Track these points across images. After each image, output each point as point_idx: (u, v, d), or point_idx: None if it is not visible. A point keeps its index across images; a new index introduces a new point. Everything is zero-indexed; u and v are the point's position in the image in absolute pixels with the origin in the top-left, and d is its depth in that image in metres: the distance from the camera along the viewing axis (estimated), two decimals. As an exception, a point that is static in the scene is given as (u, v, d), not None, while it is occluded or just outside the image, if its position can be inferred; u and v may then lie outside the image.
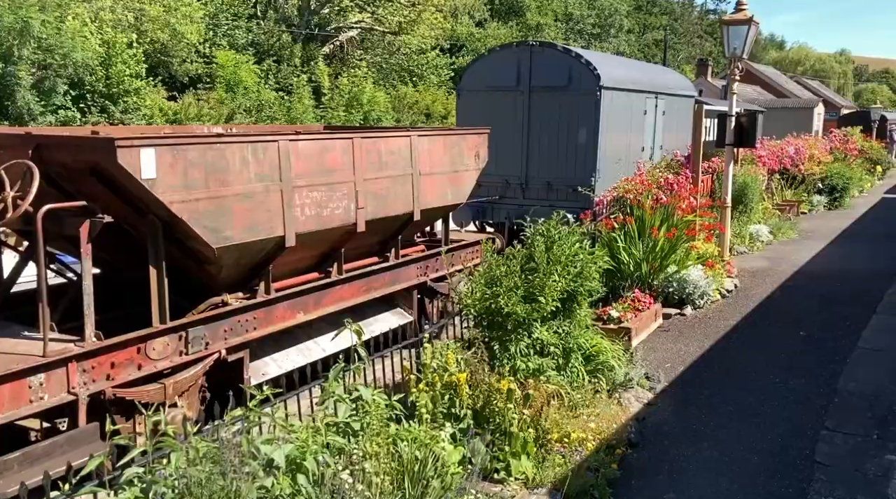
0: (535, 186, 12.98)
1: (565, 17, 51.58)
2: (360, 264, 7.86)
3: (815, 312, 8.60)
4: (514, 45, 13.00)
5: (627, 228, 9.14)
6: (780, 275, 10.12)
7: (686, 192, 9.76)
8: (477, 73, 13.35)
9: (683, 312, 8.87)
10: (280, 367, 6.68)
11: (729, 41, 9.86)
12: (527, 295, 6.40)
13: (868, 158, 25.88)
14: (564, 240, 6.76)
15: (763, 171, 15.14)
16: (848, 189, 17.62)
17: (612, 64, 13.45)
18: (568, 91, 12.49)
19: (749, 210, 12.43)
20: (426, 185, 8.16)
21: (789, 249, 11.95)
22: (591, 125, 12.38)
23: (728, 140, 10.06)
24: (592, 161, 12.44)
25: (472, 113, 13.42)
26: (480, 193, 13.52)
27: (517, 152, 13.04)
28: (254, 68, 21.57)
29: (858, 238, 13.30)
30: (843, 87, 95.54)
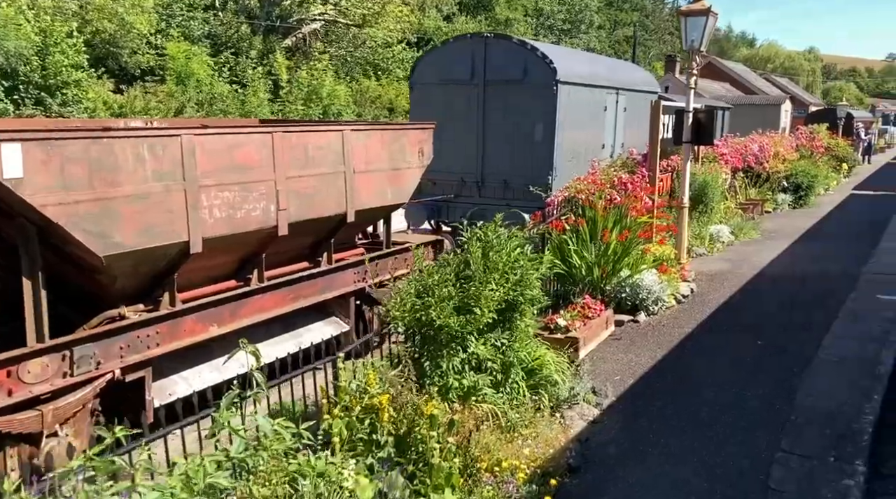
0: (492, 184, 12.45)
1: (536, 12, 51.16)
2: (287, 271, 7.26)
3: (774, 317, 8.16)
4: (469, 37, 12.44)
5: (579, 231, 8.64)
6: (739, 278, 9.67)
7: (641, 192, 9.27)
8: (430, 65, 12.77)
9: (637, 318, 8.38)
10: (191, 385, 6.06)
11: (687, 33, 9.38)
12: (461, 306, 5.86)
13: (834, 155, 25.73)
14: (503, 245, 6.23)
15: (726, 169, 14.75)
16: (813, 187, 17.32)
17: (570, 58, 12.95)
18: (524, 85, 11.97)
19: (709, 210, 12.00)
20: (362, 183, 7.58)
21: (751, 250, 11.53)
22: (547, 121, 11.87)
23: (685, 138, 9.60)
24: (549, 159, 11.94)
25: (425, 107, 12.85)
26: (435, 192, 12.99)
27: (473, 149, 12.51)
28: (207, 60, 20.77)
29: (822, 238, 12.95)
30: (812, 84, 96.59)
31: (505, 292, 6.04)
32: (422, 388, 5.54)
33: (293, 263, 7.48)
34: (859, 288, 8.90)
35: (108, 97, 17.06)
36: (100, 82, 17.64)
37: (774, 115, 27.93)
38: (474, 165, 12.53)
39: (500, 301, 5.98)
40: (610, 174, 9.46)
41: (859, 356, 7.00)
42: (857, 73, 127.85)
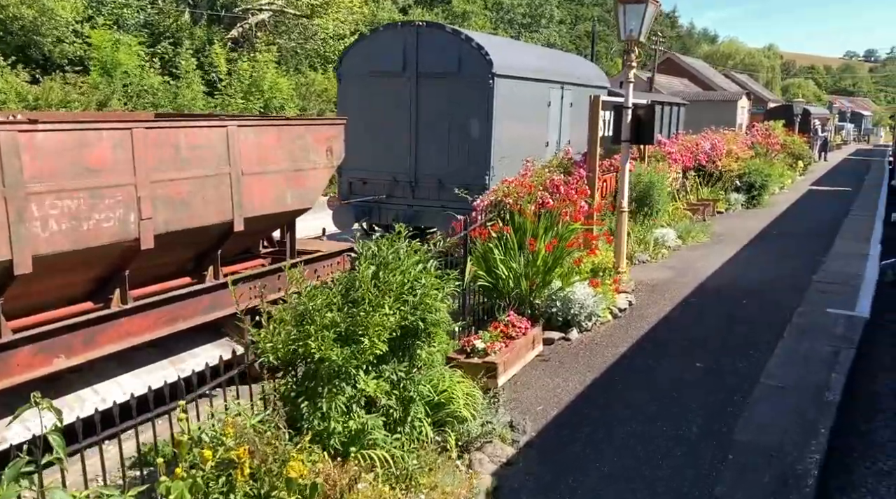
0: (426, 184, 11.61)
1: (496, 5, 50.34)
2: (163, 288, 6.32)
3: (716, 335, 7.44)
4: (399, 26, 11.56)
5: (507, 239, 7.83)
6: (682, 288, 8.96)
7: (576, 194, 8.49)
8: (359, 55, 11.87)
9: (568, 336, 7.60)
10: (28, 429, 5.11)
11: (625, 22, 8.61)
12: (348, 335, 4.99)
13: (790, 152, 25.39)
14: (402, 262, 5.38)
15: (677, 168, 14.10)
16: (767, 187, 16.77)
17: (509, 49, 12.14)
18: (458, 78, 11.14)
19: (655, 213, 11.29)
20: (253, 187, 6.66)
21: (697, 256, 10.84)
22: (483, 117, 11.06)
23: (624, 136, 8.84)
24: (486, 157, 11.14)
25: (354, 101, 11.96)
26: (366, 192, 12.11)
27: (405, 146, 11.66)
28: (137, 50, 19.55)
29: (773, 241, 12.33)
30: (772, 81, 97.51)
31: (401, 317, 5.19)
32: (299, 434, 4.68)
33: (174, 279, 6.55)
34: (808, 300, 8.23)
35: (21, 88, 15.84)
36: (13, 72, 16.38)
37: (731, 111, 27.52)
38: (407, 164, 11.68)
39: (394, 328, 5.13)
40: (543, 176, 8.67)
41: (805, 382, 6.29)
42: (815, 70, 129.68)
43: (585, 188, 9.46)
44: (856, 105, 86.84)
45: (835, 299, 8.24)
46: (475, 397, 5.82)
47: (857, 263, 10.18)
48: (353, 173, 12.07)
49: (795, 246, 11.82)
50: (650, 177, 11.16)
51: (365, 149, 11.90)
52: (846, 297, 8.32)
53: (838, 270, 9.70)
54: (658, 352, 7.13)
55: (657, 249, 10.70)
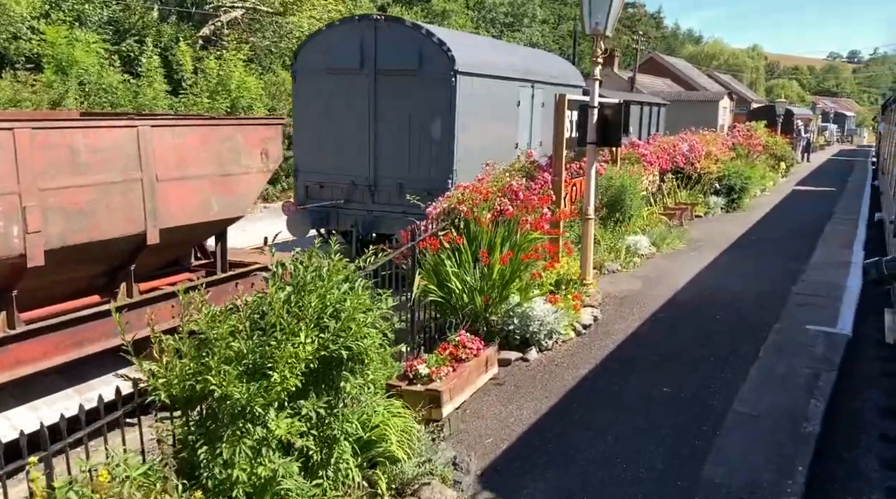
0: (386, 188, 10.93)
1: (477, 5, 49.74)
2: (65, 308, 5.63)
3: (686, 355, 6.82)
4: (357, 19, 10.90)
5: (460, 249, 7.19)
6: (653, 301, 8.34)
7: (538, 201, 7.86)
8: (315, 51, 11.18)
9: (526, 356, 6.96)
10: None
11: (591, 14, 7.99)
12: (256, 368, 4.33)
13: (773, 153, 24.92)
14: (322, 282, 4.72)
15: (653, 171, 13.52)
16: (747, 189, 16.23)
17: (474, 45, 11.50)
18: (419, 75, 10.48)
19: (627, 218, 10.69)
20: (171, 194, 5.98)
21: (672, 265, 10.24)
22: (446, 117, 10.41)
23: (590, 137, 8.21)
24: (448, 160, 10.48)
25: (310, 99, 11.28)
26: (323, 196, 11.43)
27: (364, 148, 10.98)
28: (96, 47, 18.74)
29: (752, 247, 11.76)
30: (756, 82, 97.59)
31: (320, 345, 4.53)
32: (198, 484, 4.03)
33: (84, 297, 5.87)
34: (786, 315, 7.64)
35: (-32, 86, 15.05)
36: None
37: (713, 112, 27.01)
38: (366, 167, 11.00)
39: (312, 358, 4.47)
40: (503, 181, 8.03)
41: (782, 409, 5.69)
42: (799, 71, 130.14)
43: (550, 194, 8.84)
44: (839, 106, 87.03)
45: (815, 314, 7.65)
46: (413, 431, 5.18)
47: (838, 271, 9.63)
48: (310, 177, 11.39)
49: (775, 253, 11.25)
50: (622, 180, 10.55)
51: (322, 150, 11.24)
52: (827, 311, 7.74)
53: (819, 279, 9.12)
54: (623, 374, 6.50)
55: (629, 257, 10.09)
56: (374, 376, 5.13)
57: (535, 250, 7.12)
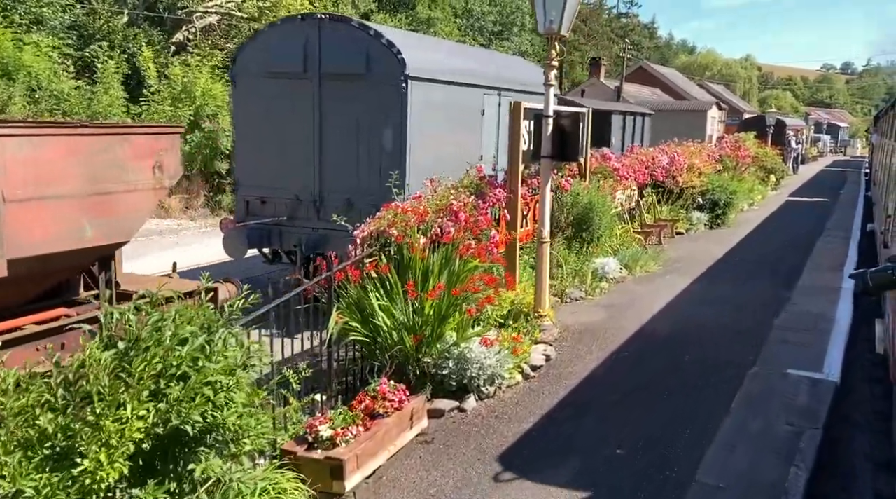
0: (333, 204, 9.92)
1: (466, 13, 48.94)
2: None
3: (647, 406, 5.84)
4: (300, 18, 9.92)
5: (389, 280, 6.21)
6: (616, 336, 7.36)
7: (483, 222, 6.89)
8: (255, 53, 10.20)
9: (463, 405, 5.97)
10: None
11: (545, 11, 7.04)
12: (65, 452, 3.39)
13: (762, 166, 24.03)
14: (167, 335, 3.76)
15: (629, 185, 12.56)
16: (732, 204, 15.28)
17: (429, 48, 10.56)
18: (367, 80, 9.51)
19: (596, 239, 9.72)
20: (23, 217, 4.98)
21: (643, 291, 9.25)
22: (397, 126, 9.44)
23: (545, 151, 7.25)
24: (400, 173, 9.49)
25: (250, 107, 10.30)
26: (265, 213, 10.43)
27: (308, 159, 10.00)
28: (48, 51, 17.76)
29: (733, 270, 10.79)
30: (749, 92, 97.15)
31: (159, 418, 3.56)
32: None
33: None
34: (766, 355, 6.66)
35: None
36: None
37: (701, 122, 26.12)
38: (311, 180, 10.01)
39: (144, 437, 3.50)
40: (447, 199, 7.06)
41: (755, 480, 4.70)
42: (793, 82, 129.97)
43: (503, 214, 7.89)
44: (833, 116, 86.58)
45: (798, 353, 6.68)
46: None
47: (827, 299, 8.67)
48: (251, 191, 10.40)
49: (759, 276, 10.29)
50: (589, 197, 9.58)
51: (264, 162, 10.26)
52: (812, 349, 6.77)
53: (805, 309, 8.16)
54: (572, 428, 5.51)
55: (595, 282, 9.11)
56: (253, 446, 4.16)
57: (471, 281, 6.12)
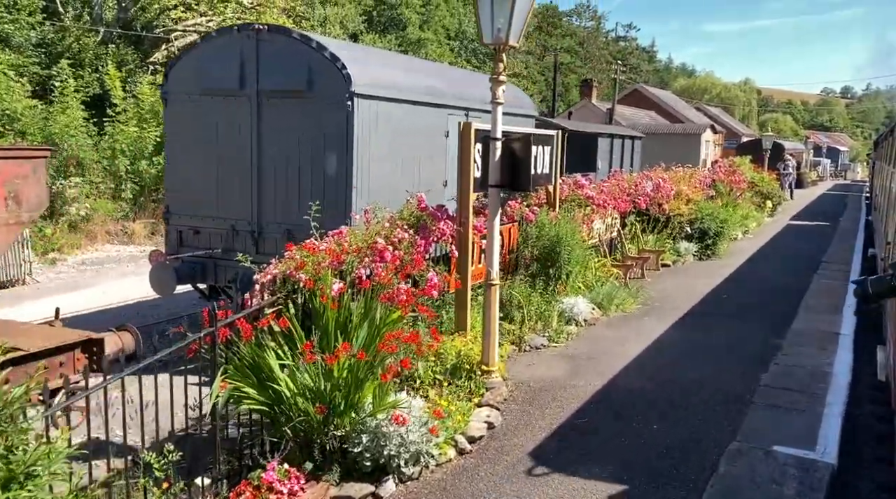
0: (273, 235, 8.93)
1: (459, 35, 48.32)
2: None
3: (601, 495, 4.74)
4: (236, 30, 8.95)
5: (293, 335, 5.16)
6: (575, 396, 6.27)
7: (418, 262, 5.86)
8: (188, 69, 9.24)
9: (379, 491, 4.88)
10: None
11: (492, 18, 6.07)
12: None
13: (758, 191, 23.02)
14: None
15: (611, 213, 11.54)
16: (723, 234, 14.24)
17: (382, 62, 9.57)
18: (309, 97, 8.54)
19: (565, 276, 8.67)
20: None
21: (614, 337, 8.18)
22: (341, 149, 8.45)
23: (493, 179, 6.24)
24: (345, 202, 8.49)
25: (183, 127, 9.32)
26: (200, 244, 9.41)
27: (246, 186, 9.00)
28: (3, 69, 16.85)
29: (720, 310, 9.71)
30: (748, 115, 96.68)
31: None
32: None
33: None
34: (749, 424, 5.58)
35: None
36: None
37: (695, 145, 25.18)
38: (248, 209, 9.01)
39: None
40: (370, 236, 6.04)
41: None
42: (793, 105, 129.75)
43: (453, 252, 6.87)
44: (832, 140, 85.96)
45: (788, 422, 5.60)
46: None
47: (823, 348, 7.60)
48: (184, 220, 9.40)
49: (747, 318, 9.22)
50: (557, 229, 8.54)
51: (197, 189, 9.26)
52: (805, 417, 5.69)
53: (798, 362, 7.08)
54: (503, 528, 4.43)
55: (561, 326, 8.04)
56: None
57: (387, 339, 5.05)
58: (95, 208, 17.74)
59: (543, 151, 8.89)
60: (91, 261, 16.35)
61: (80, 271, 15.33)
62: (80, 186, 17.45)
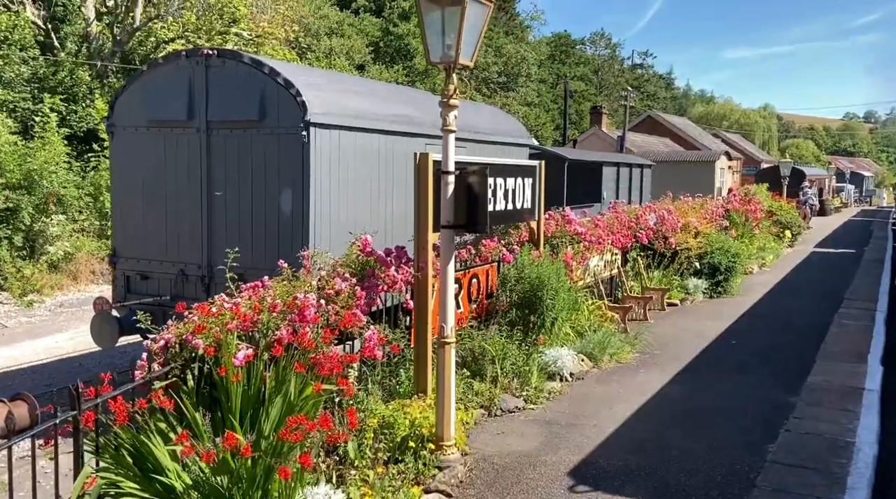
0: (224, 280, 8.01)
1: (470, 63, 47.74)
2: None
3: None
4: (184, 55, 8.18)
5: (185, 415, 4.25)
6: (544, 478, 5.26)
7: (349, 319, 4.95)
8: (134, 98, 8.48)
9: None
10: None
11: (442, 33, 5.21)
12: None
13: (777, 220, 21.91)
14: None
15: (610, 249, 10.57)
16: (734, 269, 13.16)
17: (345, 88, 8.72)
18: (261, 128, 7.75)
19: (549, 324, 7.67)
20: None
21: (603, 396, 7.14)
22: (297, 184, 7.62)
23: (445, 218, 5.32)
24: (301, 243, 7.61)
25: (130, 162, 8.56)
26: (148, 289, 8.58)
27: (196, 226, 8.18)
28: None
29: (726, 359, 8.63)
30: (769, 141, 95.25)
31: None
32: None
33: None
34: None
35: None
36: None
37: (709, 173, 24.13)
38: (198, 251, 8.18)
39: None
40: (287, 292, 5.15)
41: None
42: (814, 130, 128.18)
43: (407, 300, 5.96)
44: (856, 165, 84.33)
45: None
46: None
47: (844, 408, 6.53)
48: (131, 265, 8.58)
49: (757, 369, 8.15)
50: (538, 271, 7.58)
51: (145, 230, 8.46)
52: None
53: (813, 429, 6.02)
54: None
55: (541, 383, 7.04)
56: None
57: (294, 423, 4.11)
58: (79, 247, 17.06)
59: (523, 183, 7.99)
60: (70, 303, 15.62)
61: (55, 314, 14.59)
62: (63, 224, 16.80)
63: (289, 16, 29.37)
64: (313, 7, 36.28)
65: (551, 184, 17.47)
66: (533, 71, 51.22)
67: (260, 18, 27.75)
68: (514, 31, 57.50)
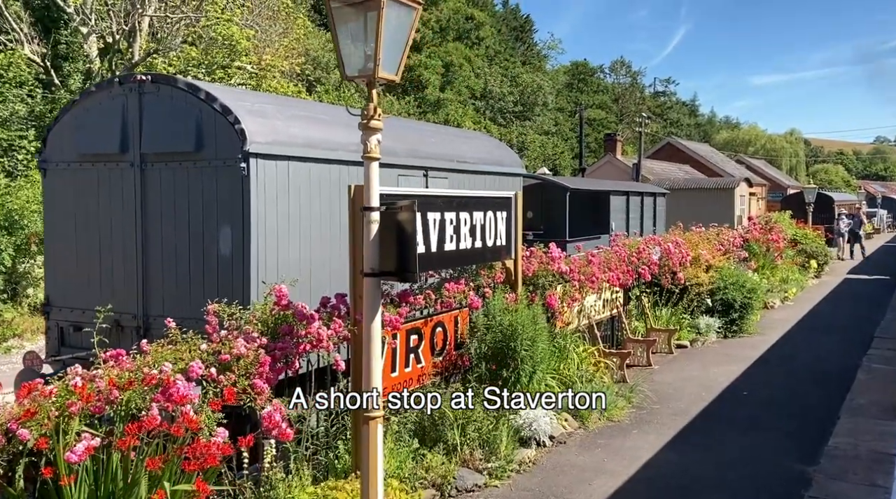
0: (161, 330, 7.11)
1: (485, 93, 47.23)
2: None
3: None
4: (118, 82, 7.39)
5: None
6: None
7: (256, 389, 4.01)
8: (66, 132, 7.68)
9: None
10: None
11: (364, 44, 4.33)
12: None
13: (801, 250, 20.63)
14: None
15: (611, 288, 9.54)
16: (750, 305, 12.00)
17: (293, 114, 7.82)
18: (198, 160, 6.91)
19: (526, 378, 6.64)
20: None
21: (583, 466, 6.08)
22: (237, 222, 6.73)
23: (368, 264, 4.38)
24: (243, 288, 6.71)
25: (62, 202, 7.74)
26: (82, 342, 7.68)
27: (130, 271, 7.31)
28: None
29: (735, 416, 7.49)
30: (796, 167, 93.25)
31: None
32: None
33: None
34: None
35: None
36: None
37: (727, 200, 22.96)
38: (133, 300, 7.29)
39: None
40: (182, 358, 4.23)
41: None
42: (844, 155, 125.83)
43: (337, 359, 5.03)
44: (889, 189, 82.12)
45: None
46: None
47: (872, 483, 5.41)
48: (64, 315, 7.74)
49: (770, 429, 7.03)
50: (512, 318, 6.58)
51: (79, 276, 7.62)
52: None
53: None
54: None
55: (511, 451, 6.00)
56: None
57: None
58: (63, 289, 16.36)
59: (494, 216, 7.07)
60: (49, 348, 14.86)
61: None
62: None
63: (294, 48, 28.87)
64: (323, 40, 35.91)
65: (553, 215, 16.60)
66: (549, 100, 50.52)
67: (265, 52, 27.31)
68: (532, 60, 57.04)
